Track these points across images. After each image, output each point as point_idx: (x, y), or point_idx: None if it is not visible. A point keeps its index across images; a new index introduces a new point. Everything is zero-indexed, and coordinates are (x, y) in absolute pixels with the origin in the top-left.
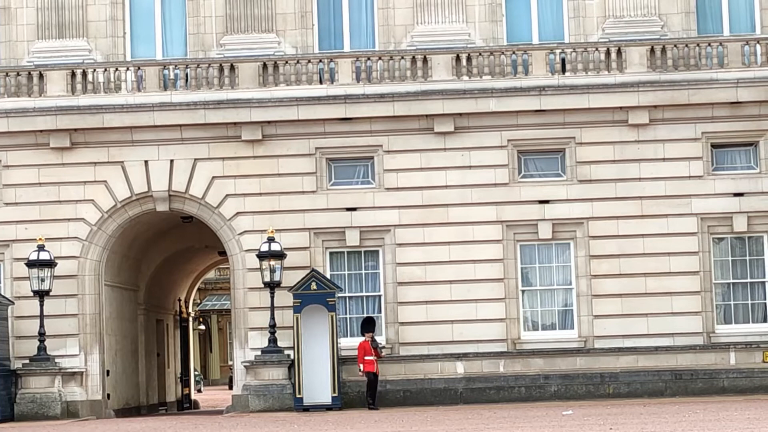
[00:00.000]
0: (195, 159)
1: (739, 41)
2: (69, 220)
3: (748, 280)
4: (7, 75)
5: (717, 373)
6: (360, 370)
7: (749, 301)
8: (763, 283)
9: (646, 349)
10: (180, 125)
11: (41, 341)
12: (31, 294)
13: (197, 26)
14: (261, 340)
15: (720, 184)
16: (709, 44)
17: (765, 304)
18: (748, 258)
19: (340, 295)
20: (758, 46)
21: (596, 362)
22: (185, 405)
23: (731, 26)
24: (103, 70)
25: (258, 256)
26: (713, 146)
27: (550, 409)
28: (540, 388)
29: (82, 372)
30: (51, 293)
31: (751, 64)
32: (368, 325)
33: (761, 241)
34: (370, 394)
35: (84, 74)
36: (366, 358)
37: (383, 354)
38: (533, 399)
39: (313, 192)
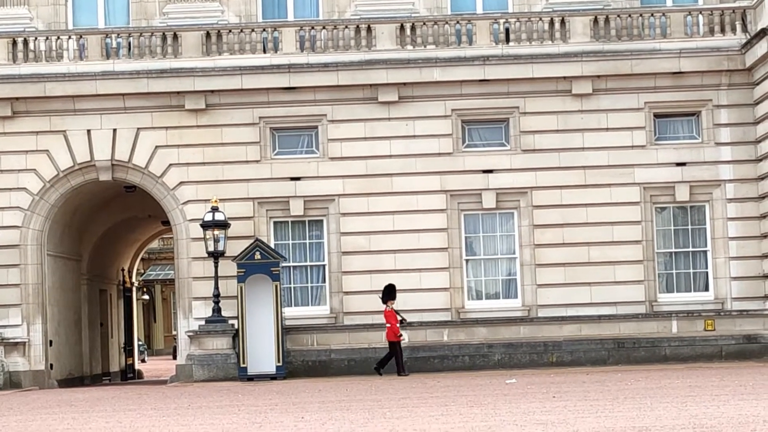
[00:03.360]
0: (138, 128)
1: (681, 11)
2: (11, 189)
3: (690, 249)
4: None
5: (659, 342)
6: (401, 335)
7: (691, 270)
8: (705, 252)
9: (589, 317)
10: (123, 94)
11: None
12: None
13: None
14: (205, 310)
15: (662, 154)
16: (652, 14)
17: (707, 273)
18: (690, 227)
19: (284, 264)
20: (700, 17)
21: (540, 331)
22: (129, 375)
23: None
24: (45, 38)
25: (202, 225)
26: (656, 116)
27: (494, 377)
28: (484, 357)
29: (25, 342)
30: None
31: (693, 34)
32: (391, 293)
33: (703, 211)
34: (399, 363)
35: (25, 43)
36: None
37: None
38: (477, 368)
39: (256, 161)
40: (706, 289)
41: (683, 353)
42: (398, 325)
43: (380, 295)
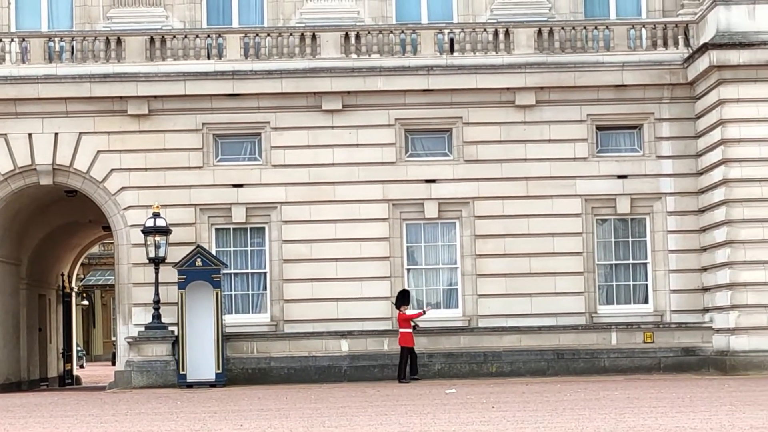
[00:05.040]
0: (80, 133)
1: (625, 25)
2: None
3: (630, 261)
4: None
5: (598, 353)
6: (416, 326)
7: (631, 282)
8: (645, 264)
9: (529, 328)
10: (65, 98)
11: None
12: None
13: None
14: (145, 316)
15: (604, 166)
16: (596, 27)
17: (646, 285)
18: (630, 240)
19: (225, 271)
20: (644, 30)
21: (480, 341)
22: (67, 381)
23: (618, 10)
24: None
25: (143, 231)
26: (598, 128)
27: (434, 387)
28: (424, 366)
29: None
30: None
31: (636, 47)
32: (405, 298)
33: (644, 223)
34: (413, 368)
35: None
36: (404, 330)
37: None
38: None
39: (199, 168)
40: (646, 301)
41: (622, 365)
42: (410, 329)
43: (393, 300)
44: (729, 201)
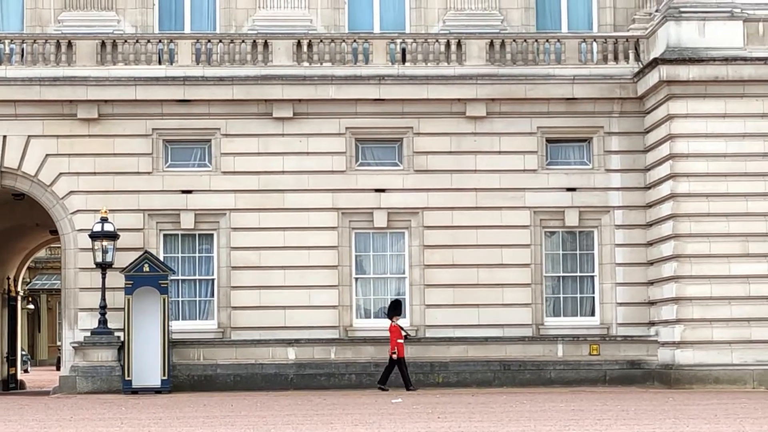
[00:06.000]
0: (29, 136)
1: (576, 38)
2: None
3: (578, 273)
4: None
5: (545, 365)
6: (394, 353)
7: (578, 295)
8: (592, 277)
9: (476, 339)
10: (14, 101)
11: None
12: None
13: (35, 1)
14: (91, 321)
15: (553, 179)
16: (548, 40)
17: (593, 298)
18: (578, 252)
19: (172, 277)
20: (594, 44)
21: (427, 351)
22: (11, 385)
23: (569, 23)
24: None
25: (90, 236)
26: (548, 141)
27: (380, 396)
28: (370, 375)
29: None
30: None
31: (587, 61)
32: (397, 309)
33: (591, 236)
34: (405, 377)
35: None
36: (398, 341)
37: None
38: (364, 386)
39: (148, 173)
40: (593, 313)
41: (568, 377)
42: (402, 340)
43: (386, 311)
44: (676, 215)
